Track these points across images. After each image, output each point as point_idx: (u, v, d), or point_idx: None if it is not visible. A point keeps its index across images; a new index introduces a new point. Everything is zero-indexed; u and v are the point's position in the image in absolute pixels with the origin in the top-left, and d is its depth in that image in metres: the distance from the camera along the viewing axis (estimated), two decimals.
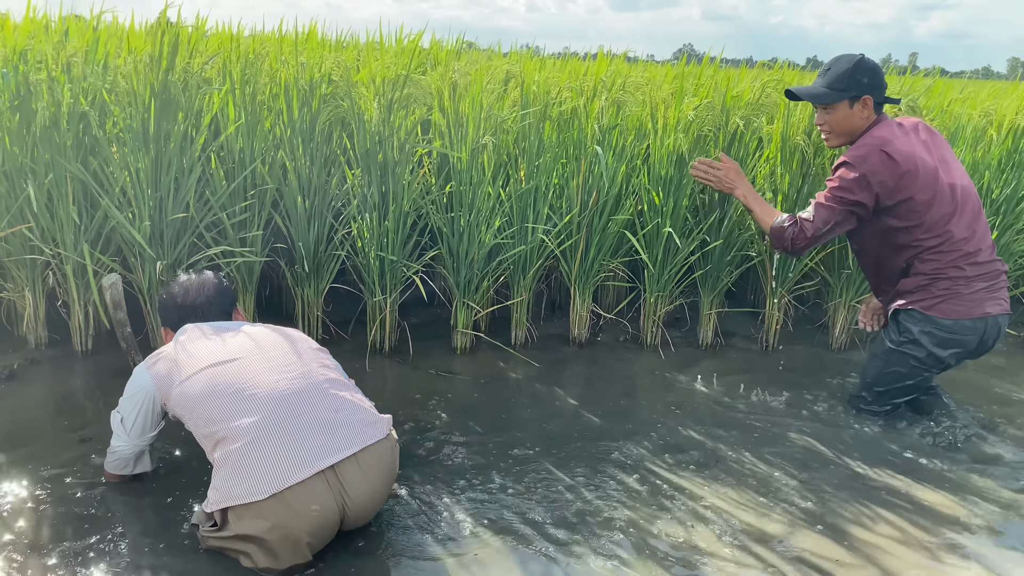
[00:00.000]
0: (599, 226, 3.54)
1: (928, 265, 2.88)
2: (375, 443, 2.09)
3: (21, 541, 2.06)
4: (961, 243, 2.86)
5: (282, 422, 2.00)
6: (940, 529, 2.38)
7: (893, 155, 2.80)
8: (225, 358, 2.13)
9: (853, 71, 2.90)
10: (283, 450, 1.95)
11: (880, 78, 2.93)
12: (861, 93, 2.90)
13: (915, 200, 2.82)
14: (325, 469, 1.96)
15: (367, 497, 2.04)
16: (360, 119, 3.23)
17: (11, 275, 3.17)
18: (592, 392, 3.27)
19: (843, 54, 2.99)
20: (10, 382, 2.99)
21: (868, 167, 2.81)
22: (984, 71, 12.49)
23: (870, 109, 2.93)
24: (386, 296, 3.43)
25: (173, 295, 2.40)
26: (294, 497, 1.91)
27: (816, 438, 2.93)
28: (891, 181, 2.81)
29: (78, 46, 3.05)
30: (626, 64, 4.77)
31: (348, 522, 2.06)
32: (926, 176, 2.83)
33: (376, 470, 2.08)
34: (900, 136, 2.88)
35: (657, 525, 2.31)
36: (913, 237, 2.88)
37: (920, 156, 2.85)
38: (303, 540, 1.94)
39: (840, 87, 2.92)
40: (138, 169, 2.99)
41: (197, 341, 2.21)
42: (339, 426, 2.06)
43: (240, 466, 1.94)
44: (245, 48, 3.43)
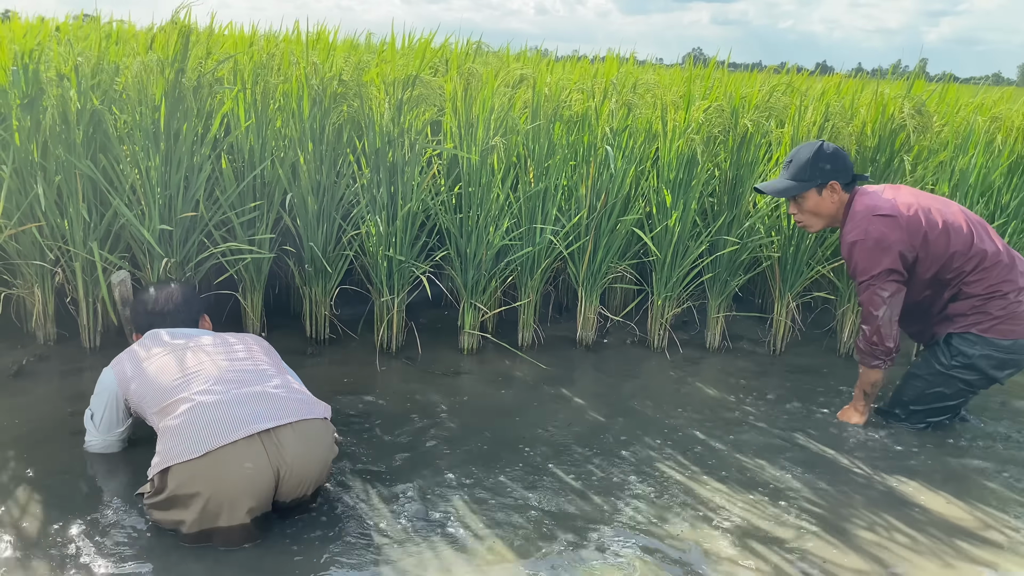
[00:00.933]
0: (607, 228, 3.54)
1: (977, 286, 2.86)
2: (313, 419, 2.20)
3: (26, 533, 2.07)
4: (996, 255, 2.85)
5: (222, 393, 2.14)
6: (950, 535, 2.37)
7: (888, 213, 2.82)
8: (174, 350, 2.31)
9: (814, 160, 2.92)
10: (221, 415, 2.08)
11: (843, 160, 2.94)
12: (826, 180, 2.93)
13: (933, 238, 2.82)
14: (262, 432, 2.07)
15: (303, 463, 2.11)
16: (370, 119, 3.24)
17: (21, 272, 3.19)
18: (599, 394, 3.26)
19: (804, 144, 3.02)
20: (19, 378, 3.00)
21: (875, 235, 2.81)
22: (994, 77, 12.43)
23: (839, 192, 2.95)
24: (394, 296, 3.43)
25: (143, 301, 2.60)
26: (228, 455, 2.01)
27: (824, 443, 2.92)
28: (903, 235, 2.81)
29: (89, 45, 3.06)
30: (637, 67, 4.77)
31: (284, 490, 2.12)
32: (928, 214, 2.84)
33: (314, 443, 2.17)
34: (882, 197, 2.90)
35: (664, 527, 2.31)
36: (950, 268, 2.86)
37: (911, 202, 2.86)
38: (238, 500, 2.02)
39: (804, 177, 2.94)
40: (148, 167, 3.00)
41: (157, 341, 2.39)
42: (278, 399, 2.18)
43: (179, 430, 2.06)
44: (257, 48, 3.44)
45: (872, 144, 3.59)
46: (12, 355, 3.17)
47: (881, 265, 2.81)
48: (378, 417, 2.89)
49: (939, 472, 2.76)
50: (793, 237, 3.66)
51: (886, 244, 2.80)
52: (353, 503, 2.32)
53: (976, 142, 3.78)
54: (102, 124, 2.99)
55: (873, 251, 2.82)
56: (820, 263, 3.75)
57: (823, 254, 3.74)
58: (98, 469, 2.41)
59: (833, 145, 2.96)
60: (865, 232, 2.82)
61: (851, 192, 2.96)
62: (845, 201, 2.96)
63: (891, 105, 3.55)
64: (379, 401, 3.04)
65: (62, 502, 2.23)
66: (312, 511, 2.26)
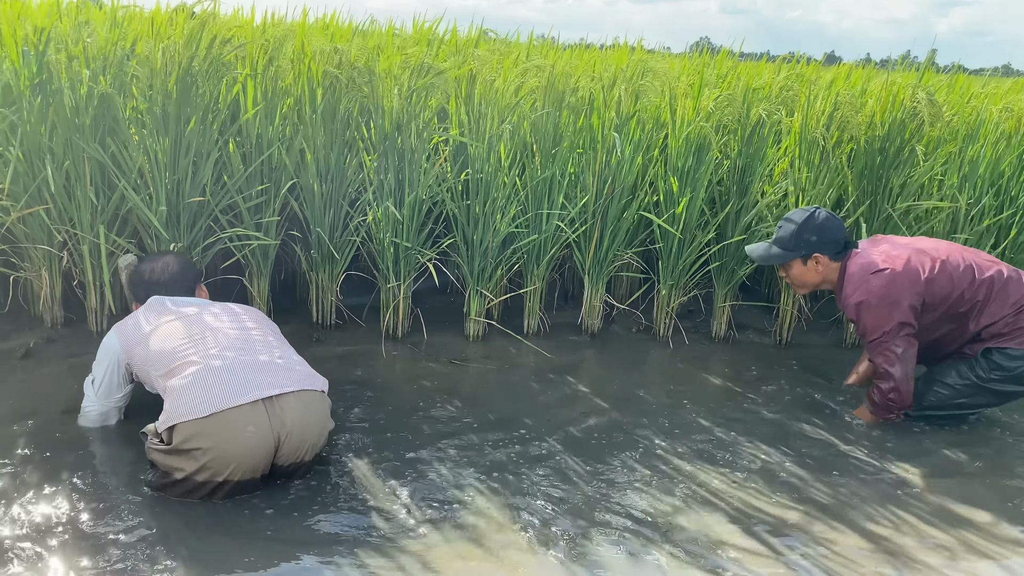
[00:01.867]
0: (614, 216, 3.53)
1: (1001, 307, 2.83)
2: (314, 390, 2.30)
3: (31, 514, 2.08)
4: (1003, 276, 2.84)
5: (230, 359, 2.24)
6: (955, 524, 2.37)
7: (885, 268, 2.79)
8: (182, 316, 2.42)
9: (800, 231, 2.89)
10: (227, 378, 2.18)
11: (831, 232, 2.89)
12: (811, 252, 2.90)
13: (934, 281, 2.79)
14: (266, 399, 2.17)
15: (301, 429, 2.21)
16: (379, 105, 3.23)
17: (28, 255, 3.19)
18: (603, 382, 3.26)
19: (797, 209, 2.98)
20: (26, 360, 3.02)
21: (879, 293, 2.78)
22: (1004, 68, 12.33)
23: (826, 264, 2.92)
24: (400, 283, 3.43)
25: (141, 272, 2.69)
26: (232, 417, 2.11)
27: (829, 431, 2.92)
28: (906, 286, 2.77)
29: (99, 29, 3.05)
30: (646, 54, 4.74)
31: (283, 453, 2.20)
32: (922, 259, 2.81)
33: (314, 413, 2.27)
34: (872, 253, 2.87)
35: (668, 514, 2.31)
36: (962, 302, 2.83)
37: (902, 251, 2.84)
38: (238, 460, 2.13)
39: (789, 247, 2.93)
40: (156, 151, 2.99)
41: (162, 307, 2.49)
42: (281, 368, 2.29)
43: (186, 390, 2.16)
44: (267, 34, 3.42)
45: (881, 133, 3.57)
46: (20, 338, 3.18)
47: (892, 321, 2.77)
48: (383, 402, 2.90)
49: (946, 462, 2.76)
50: None
51: (892, 299, 2.77)
52: (358, 486, 2.33)
53: (987, 132, 3.76)
54: (111, 108, 2.98)
55: (880, 309, 2.78)
56: None
57: None
58: (103, 450, 2.42)
59: (825, 213, 2.92)
60: (868, 292, 2.79)
61: (843, 259, 2.92)
62: (836, 269, 2.93)
63: (902, 94, 3.53)
64: (384, 387, 3.04)
65: (68, 482, 2.24)
66: (316, 491, 2.27)
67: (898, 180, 3.60)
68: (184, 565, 1.94)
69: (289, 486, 2.29)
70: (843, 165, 3.68)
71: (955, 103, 4.05)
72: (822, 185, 3.56)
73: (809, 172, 3.58)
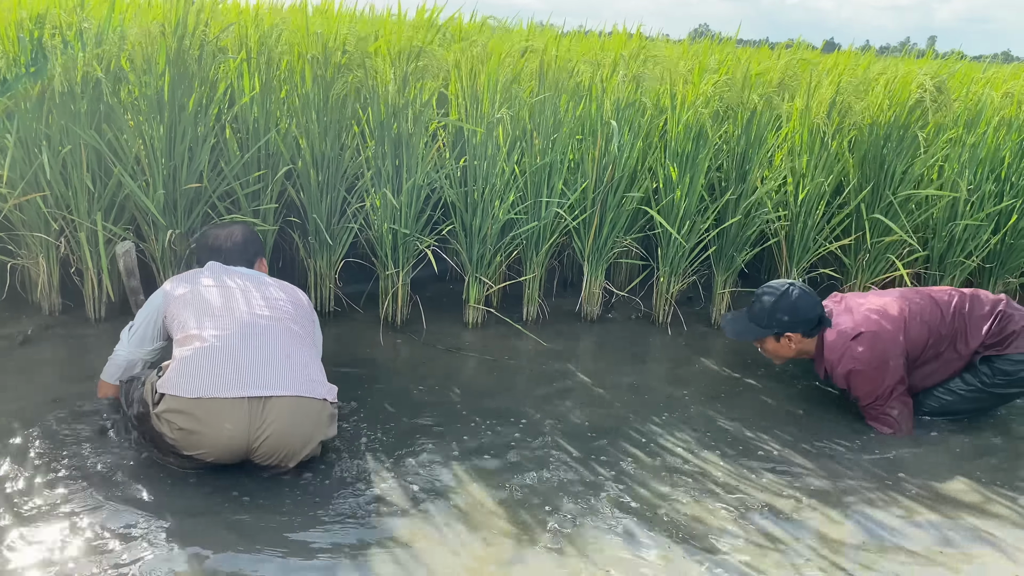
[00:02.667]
0: (614, 202, 3.51)
1: (979, 322, 2.87)
2: (310, 398, 2.24)
3: (29, 498, 2.08)
4: (964, 297, 2.91)
5: (237, 344, 2.23)
6: (952, 508, 2.37)
7: (863, 331, 2.78)
8: (220, 286, 2.43)
9: (772, 310, 2.84)
10: (223, 367, 2.17)
11: (803, 312, 2.81)
12: (783, 331, 2.85)
13: (912, 328, 2.82)
14: (254, 397, 2.14)
15: (280, 436, 2.18)
16: (375, 90, 3.21)
17: (25, 242, 3.18)
18: (602, 369, 3.26)
19: (772, 283, 2.92)
20: (24, 347, 3.01)
21: (865, 358, 2.76)
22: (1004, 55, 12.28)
23: (798, 341, 2.86)
24: (399, 270, 3.42)
25: (206, 236, 2.73)
26: (213, 408, 2.12)
27: (830, 418, 2.92)
28: (888, 344, 2.77)
29: (93, 12, 3.03)
30: (645, 41, 4.71)
31: (258, 455, 2.20)
32: (891, 312, 2.83)
33: (302, 423, 2.21)
34: (843, 319, 2.86)
35: (668, 501, 2.31)
36: (943, 338, 2.86)
37: (871, 309, 2.84)
38: (210, 448, 2.16)
39: (762, 324, 2.88)
40: (152, 137, 2.98)
41: (208, 272, 2.53)
42: (284, 369, 2.23)
43: (182, 364, 2.19)
44: (261, 18, 3.40)
45: (887, 120, 3.55)
46: (18, 325, 3.17)
47: (884, 383, 2.77)
48: (382, 390, 2.90)
49: (943, 447, 2.76)
50: (801, 213, 3.64)
51: (879, 361, 2.75)
52: (356, 474, 2.33)
53: (988, 119, 3.74)
54: (105, 93, 2.96)
55: (869, 373, 2.76)
56: (828, 240, 3.73)
57: (831, 231, 3.72)
58: (100, 438, 2.41)
59: (799, 290, 2.84)
60: (853, 359, 2.76)
61: (818, 334, 2.88)
62: (811, 343, 2.89)
63: (911, 81, 3.51)
64: (383, 374, 3.04)
65: (64, 469, 2.23)
66: (315, 480, 2.27)
67: (901, 167, 3.59)
68: (174, 547, 1.94)
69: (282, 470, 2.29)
70: (844, 151, 3.66)
71: (956, 89, 4.03)
72: (822, 172, 3.55)
73: (809, 158, 3.57)
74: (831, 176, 3.57)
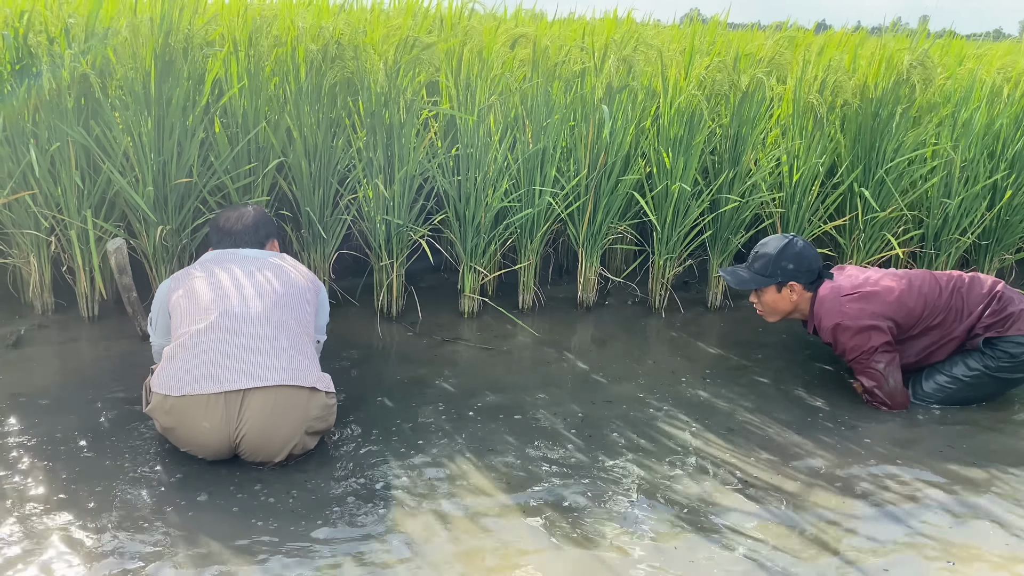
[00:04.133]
0: (607, 188, 3.50)
1: (977, 301, 2.87)
2: (294, 386, 2.21)
3: (24, 498, 2.07)
4: (962, 278, 2.90)
5: (220, 340, 2.22)
6: (956, 487, 2.37)
7: (856, 291, 2.82)
8: (211, 278, 2.39)
9: (777, 258, 2.90)
10: (206, 361, 2.18)
11: (807, 262, 2.89)
12: (786, 279, 2.91)
13: (907, 297, 2.82)
14: (232, 392, 2.14)
15: (260, 432, 2.17)
16: (366, 81, 3.18)
17: (16, 241, 3.16)
18: (600, 355, 3.25)
19: (774, 236, 2.99)
20: (18, 348, 2.99)
21: (852, 314, 2.79)
22: (995, 33, 12.28)
23: (799, 292, 2.92)
24: (393, 261, 3.41)
25: (219, 217, 2.69)
26: (193, 405, 2.14)
27: (826, 399, 2.92)
28: (878, 306, 2.80)
29: (78, 8, 3.00)
30: (636, 25, 4.69)
31: (242, 451, 2.22)
32: (888, 280, 2.85)
33: (285, 415, 2.20)
34: (841, 279, 2.89)
35: (668, 483, 2.31)
36: (937, 311, 2.85)
37: (869, 275, 2.89)
38: (196, 446, 2.20)
39: (765, 273, 2.93)
40: (140, 133, 2.95)
41: (208, 263, 2.50)
42: (268, 358, 2.21)
43: (169, 363, 2.22)
44: (249, 10, 3.37)
45: (875, 97, 3.54)
46: (10, 325, 3.15)
47: (870, 340, 2.79)
48: (379, 382, 2.89)
49: (945, 427, 2.76)
50: (795, 195, 3.63)
51: (867, 320, 2.78)
52: (353, 467, 2.32)
53: (980, 95, 3.73)
54: (92, 90, 2.94)
55: (857, 331, 2.79)
56: (823, 220, 3.72)
57: (825, 211, 3.71)
58: (95, 437, 2.40)
59: (803, 242, 2.93)
60: (842, 315, 2.80)
61: (815, 289, 2.92)
62: (808, 299, 2.94)
63: (895, 57, 3.50)
64: (379, 366, 3.03)
65: (60, 470, 2.22)
66: (312, 472, 2.26)
67: (892, 144, 3.58)
68: (172, 542, 1.94)
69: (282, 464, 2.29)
70: (836, 131, 3.65)
71: (949, 66, 4.02)
72: (815, 151, 3.54)
73: (802, 139, 3.56)
74: (825, 156, 3.56)
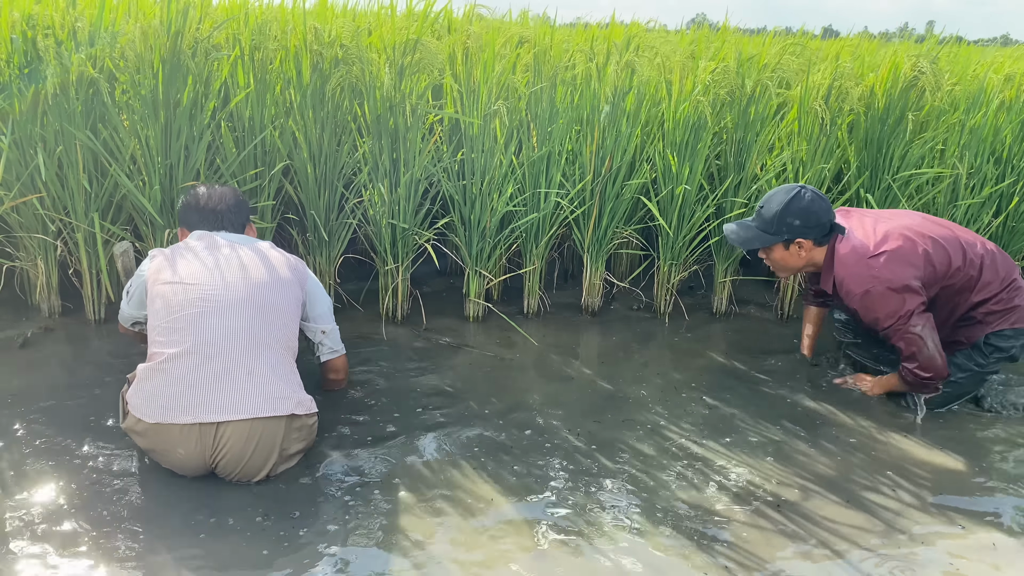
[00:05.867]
0: (613, 193, 3.50)
1: (994, 279, 2.74)
2: (270, 417, 2.17)
3: (30, 500, 2.08)
4: (986, 246, 2.76)
5: (196, 365, 2.15)
6: (957, 493, 2.36)
7: (881, 251, 2.63)
8: (192, 281, 2.26)
9: (782, 213, 2.69)
10: (180, 389, 2.12)
11: (816, 216, 2.69)
12: (794, 236, 2.72)
13: (933, 255, 2.66)
14: (205, 423, 2.11)
15: (239, 462, 2.15)
16: (371, 85, 3.19)
17: (23, 244, 3.17)
18: (605, 360, 3.25)
19: (780, 188, 2.77)
20: (25, 350, 3.00)
21: (884, 279, 2.60)
22: (1003, 39, 12.26)
23: (809, 248, 2.74)
24: (398, 264, 3.41)
25: (196, 197, 2.52)
26: (167, 434, 2.12)
27: (831, 406, 2.91)
28: (906, 266, 2.62)
29: (86, 11, 3.02)
30: (642, 31, 4.70)
31: (219, 472, 2.19)
32: (913, 233, 2.67)
33: (262, 444, 2.16)
34: (860, 233, 2.70)
35: (671, 490, 2.30)
36: (959, 274, 2.71)
37: (891, 227, 2.68)
38: (170, 466, 2.19)
39: (771, 231, 2.73)
40: (148, 136, 2.97)
41: (192, 252, 2.36)
42: (244, 387, 2.16)
43: (144, 386, 2.17)
44: (255, 14, 3.38)
45: (882, 103, 3.53)
46: (17, 327, 3.17)
47: (904, 305, 2.61)
48: (384, 386, 2.89)
49: (945, 433, 2.74)
50: None
51: (898, 283, 2.60)
52: (359, 470, 2.32)
53: (988, 100, 3.72)
54: (100, 93, 2.95)
55: (887, 296, 2.60)
56: None
57: None
58: (100, 441, 2.40)
59: (812, 193, 2.71)
60: (871, 279, 2.61)
61: (829, 242, 2.74)
62: (822, 252, 2.76)
63: (902, 63, 3.49)
64: (384, 370, 3.03)
65: (65, 472, 2.23)
66: (318, 478, 2.26)
67: (899, 151, 3.57)
68: (175, 544, 1.94)
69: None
70: (843, 137, 3.64)
71: (957, 72, 4.01)
72: (821, 157, 3.53)
73: (808, 145, 3.55)
74: (831, 162, 3.55)
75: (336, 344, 2.70)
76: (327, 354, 2.69)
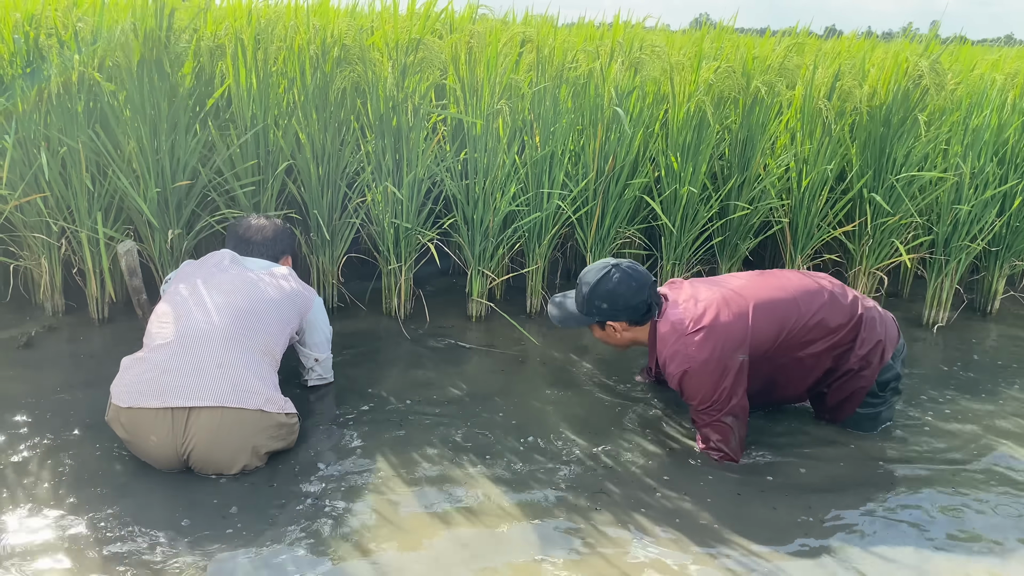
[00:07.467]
0: (615, 192, 3.50)
1: (841, 331, 2.54)
2: (238, 409, 2.20)
3: (32, 499, 2.08)
4: (833, 296, 2.56)
5: (173, 354, 2.23)
6: (965, 502, 2.36)
7: (700, 326, 2.39)
8: (187, 292, 2.41)
9: (590, 296, 2.50)
10: (154, 375, 2.19)
11: (624, 299, 2.46)
12: (604, 319, 2.53)
13: (756, 323, 2.43)
14: (177, 408, 2.15)
15: (208, 451, 2.18)
16: (374, 84, 3.19)
17: (27, 243, 3.18)
18: (607, 360, 3.25)
19: (594, 265, 2.55)
20: (28, 349, 3.01)
21: (700, 358, 2.37)
22: (1007, 38, 12.25)
23: (624, 330, 2.54)
24: (401, 264, 3.41)
25: (239, 224, 2.76)
26: (141, 419, 2.17)
27: None
28: (727, 341, 2.38)
29: (87, 13, 3.02)
30: (645, 31, 4.69)
31: (192, 465, 2.22)
32: (734, 300, 2.46)
33: (230, 434, 2.19)
34: (679, 308, 2.47)
35: (672, 484, 2.30)
36: (799, 338, 2.51)
37: (711, 296, 2.47)
38: (144, 456, 2.22)
39: (583, 311, 2.55)
40: (145, 136, 2.96)
41: (213, 263, 2.55)
42: (214, 378, 2.21)
43: (123, 373, 2.26)
44: (257, 14, 3.38)
45: (885, 103, 3.53)
46: (21, 326, 3.17)
47: (720, 387, 2.38)
48: (386, 385, 2.89)
49: (949, 438, 2.75)
50: (804, 201, 3.62)
51: (715, 362, 2.37)
52: (355, 467, 2.32)
53: (991, 100, 3.71)
54: (100, 95, 2.96)
55: (704, 376, 2.38)
56: (832, 226, 3.71)
57: (834, 217, 3.70)
58: (102, 439, 2.41)
59: (620, 274, 2.47)
60: (687, 359, 2.37)
61: (651, 319, 2.52)
62: (644, 330, 2.54)
63: (905, 63, 3.49)
64: (387, 369, 3.03)
65: (67, 470, 2.24)
66: (319, 476, 2.26)
67: (902, 151, 3.57)
68: (177, 544, 1.94)
69: (277, 460, 2.31)
70: (846, 137, 3.64)
71: (960, 72, 4.00)
72: (824, 157, 3.53)
73: (811, 144, 3.55)
74: (834, 161, 3.55)
75: (327, 372, 2.82)
76: (315, 380, 2.80)
